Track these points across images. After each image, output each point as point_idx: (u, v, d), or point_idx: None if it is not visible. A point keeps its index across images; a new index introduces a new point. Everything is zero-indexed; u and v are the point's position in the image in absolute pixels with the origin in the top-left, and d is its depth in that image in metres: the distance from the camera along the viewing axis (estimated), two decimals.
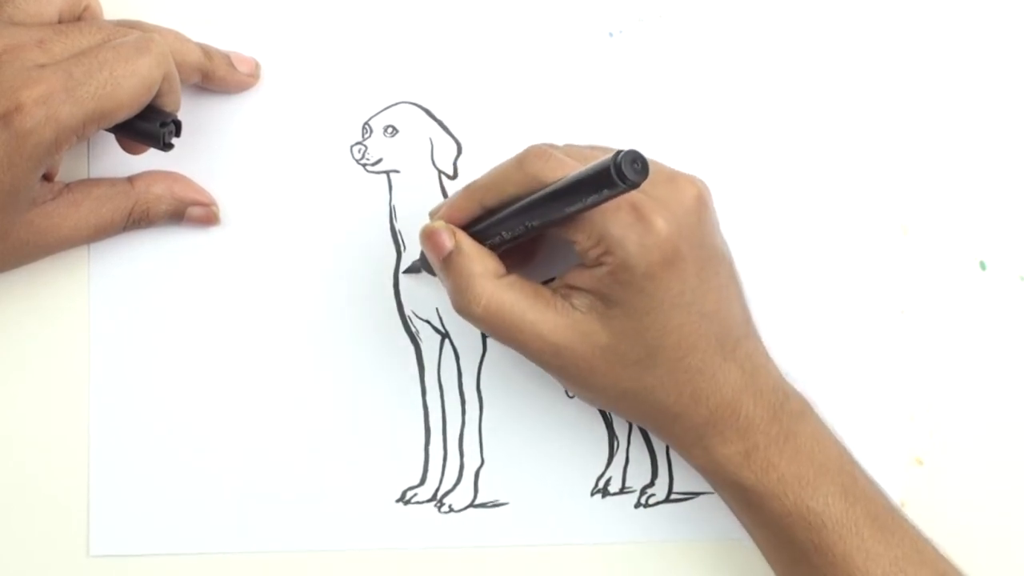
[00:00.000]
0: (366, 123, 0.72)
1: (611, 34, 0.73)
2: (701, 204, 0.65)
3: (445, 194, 0.72)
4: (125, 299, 0.72)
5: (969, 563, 0.68)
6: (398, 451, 0.72)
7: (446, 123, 0.72)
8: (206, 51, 0.69)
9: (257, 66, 0.72)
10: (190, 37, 0.69)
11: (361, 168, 0.72)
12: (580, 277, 0.64)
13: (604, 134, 0.72)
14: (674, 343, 0.64)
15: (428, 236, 0.66)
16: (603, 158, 0.59)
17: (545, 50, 0.73)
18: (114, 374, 0.71)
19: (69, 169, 0.70)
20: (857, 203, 0.73)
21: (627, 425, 0.72)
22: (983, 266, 0.73)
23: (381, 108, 0.72)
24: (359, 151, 0.72)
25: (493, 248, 0.66)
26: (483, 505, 0.72)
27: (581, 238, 0.63)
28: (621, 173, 0.58)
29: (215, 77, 0.70)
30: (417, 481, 0.72)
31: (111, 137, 0.69)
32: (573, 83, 0.72)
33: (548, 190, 0.63)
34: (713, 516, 0.72)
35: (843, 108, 0.73)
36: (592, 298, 0.64)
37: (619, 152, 0.58)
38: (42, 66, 0.63)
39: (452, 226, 0.66)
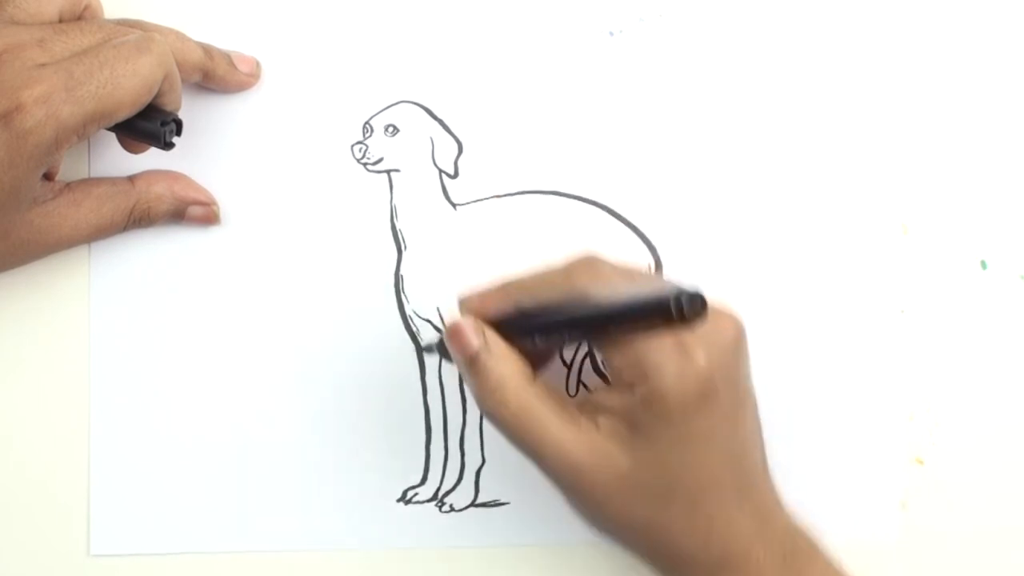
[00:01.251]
0: (367, 122, 0.72)
1: (611, 34, 0.73)
2: (739, 343, 0.63)
3: (446, 194, 0.72)
4: (125, 299, 0.71)
5: (969, 563, 0.68)
6: (399, 451, 0.72)
7: (446, 122, 0.72)
8: (207, 50, 0.69)
9: (257, 66, 0.72)
10: (191, 36, 0.69)
11: (362, 167, 0.72)
12: (609, 398, 0.62)
13: (604, 134, 0.72)
14: (694, 480, 0.62)
15: (453, 334, 0.63)
16: (660, 289, 0.58)
17: (545, 50, 0.73)
18: (114, 374, 0.71)
19: (69, 168, 0.70)
20: (857, 203, 0.73)
21: None
22: (983, 266, 0.73)
23: (381, 107, 0.72)
24: (360, 150, 0.72)
25: (521, 350, 0.63)
26: (484, 505, 0.72)
27: (617, 359, 0.62)
28: (681, 311, 0.57)
29: (216, 76, 0.70)
30: (418, 481, 0.72)
31: (112, 136, 0.69)
32: (573, 83, 0.72)
33: (599, 311, 0.61)
34: None
35: (843, 108, 0.73)
36: (617, 421, 0.62)
37: (681, 290, 0.57)
38: (42, 65, 0.63)
39: (480, 323, 0.63)
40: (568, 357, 0.70)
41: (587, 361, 0.71)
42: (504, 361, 0.63)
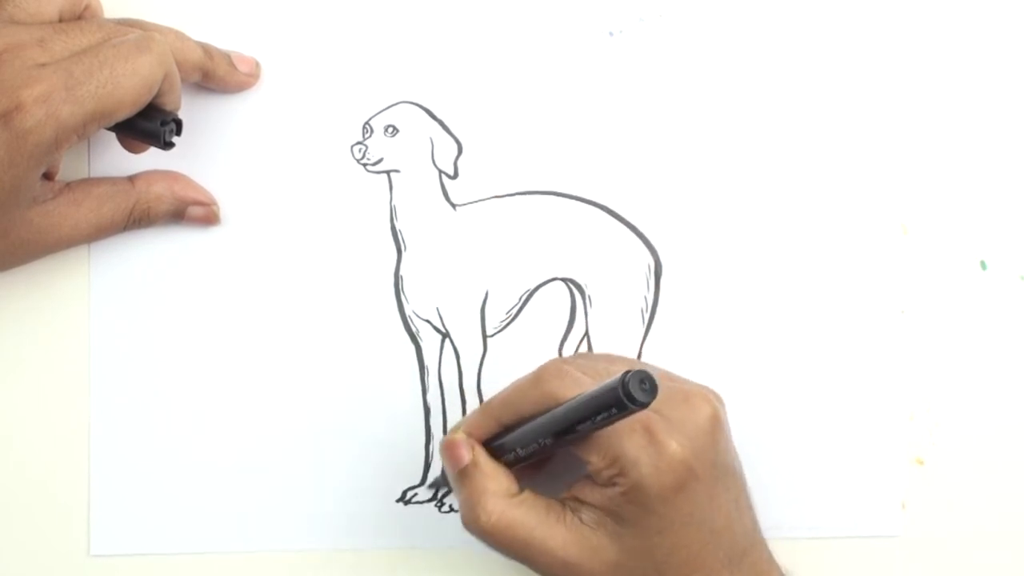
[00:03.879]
0: (366, 123, 0.72)
1: (611, 34, 0.73)
2: (715, 423, 0.65)
3: (446, 194, 0.72)
4: (125, 299, 0.72)
5: (969, 563, 0.68)
6: (398, 451, 0.72)
7: (446, 123, 0.72)
8: (207, 50, 0.69)
9: (257, 66, 0.72)
10: (191, 36, 0.69)
11: (361, 168, 0.72)
12: (591, 494, 0.64)
13: (603, 134, 0.72)
14: (683, 560, 0.64)
15: (448, 448, 0.66)
16: (613, 378, 0.59)
17: (545, 50, 0.73)
18: (114, 374, 0.71)
19: (69, 168, 0.70)
20: (857, 203, 0.73)
21: None
22: (983, 266, 0.73)
23: (381, 108, 0.72)
24: (359, 151, 0.72)
25: (509, 464, 0.66)
26: None
27: (595, 459, 0.63)
28: (629, 394, 0.57)
29: (215, 76, 0.70)
30: (417, 481, 0.72)
31: (111, 136, 0.69)
32: (573, 83, 0.72)
33: (560, 409, 0.62)
34: None
35: (843, 108, 0.73)
36: (602, 514, 0.64)
37: (627, 372, 0.58)
38: (42, 65, 0.63)
39: (472, 440, 0.66)
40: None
41: None
42: (487, 476, 0.65)
